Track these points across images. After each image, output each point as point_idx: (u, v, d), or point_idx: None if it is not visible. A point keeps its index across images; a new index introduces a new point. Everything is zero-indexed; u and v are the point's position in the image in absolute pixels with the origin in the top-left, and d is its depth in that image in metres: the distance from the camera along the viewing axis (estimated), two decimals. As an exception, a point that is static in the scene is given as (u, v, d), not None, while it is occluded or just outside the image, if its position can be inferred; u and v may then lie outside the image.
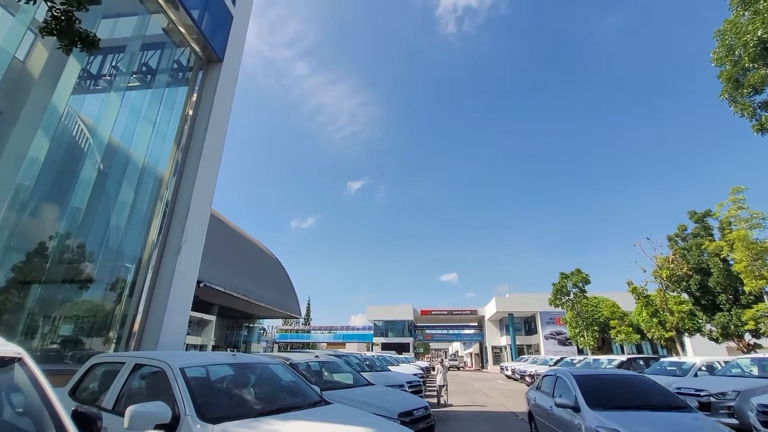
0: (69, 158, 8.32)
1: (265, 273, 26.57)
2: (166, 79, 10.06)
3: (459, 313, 60.16)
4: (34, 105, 7.54)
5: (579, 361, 21.11)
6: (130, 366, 3.96)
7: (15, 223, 7.38)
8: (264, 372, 4.71)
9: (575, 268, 34.16)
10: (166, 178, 9.48)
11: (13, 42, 6.84)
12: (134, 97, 9.56)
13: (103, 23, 8.72)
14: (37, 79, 7.85)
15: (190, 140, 9.92)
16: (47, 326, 8.31)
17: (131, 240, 9.11)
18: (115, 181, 9.02)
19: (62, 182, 8.21)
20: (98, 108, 8.99)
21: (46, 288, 8.04)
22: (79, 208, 8.39)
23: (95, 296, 8.95)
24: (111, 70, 9.36)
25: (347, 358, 11.53)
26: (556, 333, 46.44)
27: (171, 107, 10.02)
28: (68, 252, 8.54)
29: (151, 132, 9.48)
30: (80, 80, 8.50)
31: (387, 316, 59.91)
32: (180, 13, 9.12)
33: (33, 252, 8.10)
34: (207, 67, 10.72)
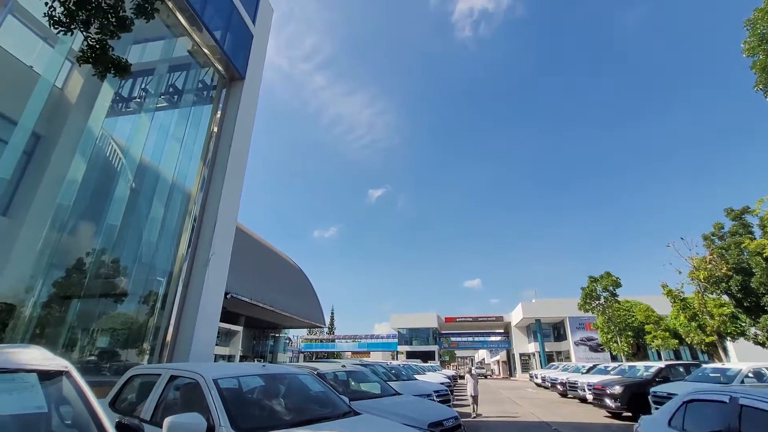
0: (104, 178, 8.74)
1: (289, 283, 26.93)
2: (191, 98, 10.46)
3: (484, 320, 59.01)
4: (72, 129, 7.99)
5: (613, 368, 20.26)
6: (165, 377, 4.08)
7: (56, 241, 7.79)
8: (293, 382, 4.76)
9: (605, 271, 32.96)
10: (194, 193, 9.81)
11: (52, 71, 7.30)
12: (162, 117, 9.99)
13: (133, 48, 9.19)
14: (74, 105, 8.33)
15: (216, 156, 10.25)
16: (86, 339, 8.68)
17: (162, 254, 9.44)
18: (146, 198, 9.40)
19: (98, 201, 8.62)
20: (130, 129, 9.44)
21: (84, 302, 8.42)
22: (113, 225, 8.78)
23: (130, 309, 9.30)
24: (141, 92, 9.83)
25: (373, 367, 11.49)
26: (586, 339, 44.82)
27: (197, 125, 10.40)
28: (104, 267, 8.93)
29: (178, 150, 9.86)
30: (113, 103, 8.96)
31: (411, 324, 59.43)
32: (204, 35, 9.50)
33: (72, 268, 8.51)
34: (230, 85, 11.09)
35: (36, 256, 7.46)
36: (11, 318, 7.05)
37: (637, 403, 12.64)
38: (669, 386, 12.11)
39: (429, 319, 58.75)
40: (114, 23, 5.51)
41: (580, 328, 45.53)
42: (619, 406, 13.28)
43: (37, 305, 7.58)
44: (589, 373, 21.49)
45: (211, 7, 9.50)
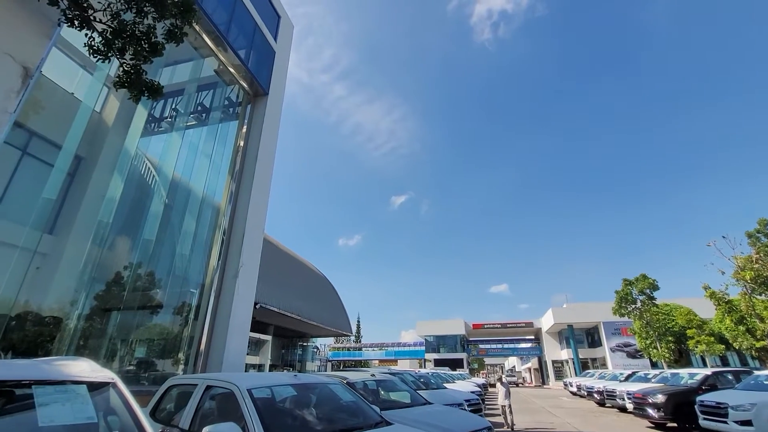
0: (140, 195, 9.17)
1: (316, 292, 27.22)
2: (219, 115, 10.87)
3: (513, 326, 57.52)
4: (110, 150, 8.45)
5: (654, 376, 19.25)
6: (202, 387, 4.20)
7: (97, 256, 8.22)
8: (324, 392, 4.79)
9: (640, 274, 31.51)
10: (223, 207, 10.13)
11: (92, 97, 7.76)
12: (192, 134, 10.42)
13: (164, 71, 9.66)
14: (111, 127, 8.81)
15: (242, 170, 10.57)
16: (125, 349, 9.06)
17: (195, 267, 9.77)
18: (179, 213, 9.78)
19: (135, 217, 9.05)
20: (162, 147, 9.89)
21: (123, 314, 8.80)
22: (149, 239, 9.18)
23: (165, 320, 9.65)
24: (172, 112, 10.30)
25: (402, 375, 11.39)
26: (623, 345, 42.87)
27: (224, 141, 10.78)
28: (141, 280, 9.33)
29: (208, 165, 10.23)
30: (147, 124, 9.43)
31: (438, 331, 58.67)
32: (229, 55, 9.88)
33: (112, 281, 8.94)
34: (254, 101, 11.45)
35: (79, 271, 7.89)
36: (58, 330, 7.45)
37: (682, 413, 11.95)
38: (717, 395, 11.37)
39: (456, 325, 57.83)
40: (147, 49, 5.83)
41: (615, 333, 43.63)
42: (663, 416, 12.57)
43: (81, 318, 7.99)
44: (628, 381, 20.49)
45: (236, 27, 9.88)
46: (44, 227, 7.41)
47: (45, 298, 7.44)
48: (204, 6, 8.43)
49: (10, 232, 6.93)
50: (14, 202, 7.18)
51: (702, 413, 10.93)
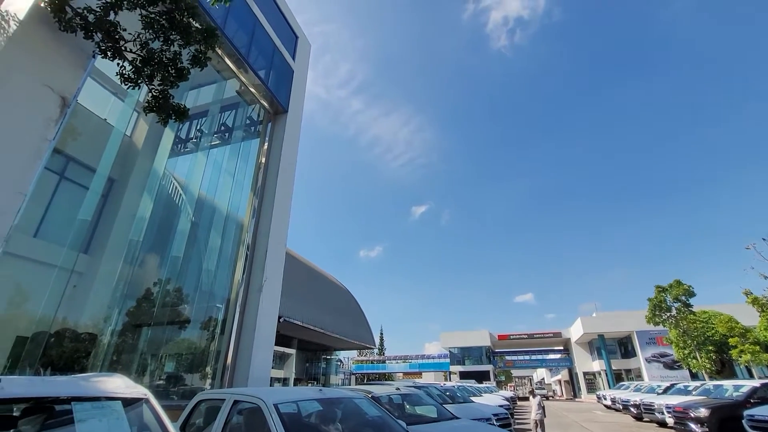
0: (168, 213, 9.51)
1: (338, 305, 27.29)
2: (241, 134, 11.22)
3: (541, 337, 55.76)
4: (140, 171, 8.83)
5: (695, 388, 18.18)
6: (230, 402, 4.25)
7: (129, 274, 8.53)
8: (349, 407, 4.76)
9: (674, 280, 30.09)
10: (246, 222, 10.37)
11: (123, 122, 8.18)
12: (216, 153, 10.78)
13: (189, 94, 10.09)
14: (141, 149, 9.23)
15: (264, 186, 10.82)
16: (155, 364, 9.30)
17: (220, 282, 9.99)
18: (204, 229, 10.07)
19: (163, 235, 9.37)
20: (188, 167, 10.27)
21: (153, 330, 9.07)
22: (177, 256, 9.47)
23: (193, 335, 9.86)
24: (197, 132, 10.70)
25: (427, 389, 11.19)
26: (659, 355, 40.79)
27: (246, 158, 11.10)
28: (169, 296, 9.61)
29: (231, 183, 10.54)
30: (174, 145, 9.83)
31: (462, 343, 57.52)
32: (250, 76, 10.23)
33: (142, 298, 9.25)
34: (274, 118, 11.78)
35: (112, 288, 8.20)
36: (93, 346, 7.74)
37: (728, 429, 11.23)
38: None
39: (481, 337, 56.57)
40: (174, 74, 6.12)
41: (650, 343, 41.63)
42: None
43: (114, 333, 8.28)
44: (667, 394, 19.42)
45: (256, 49, 10.25)
46: (80, 247, 7.78)
47: (81, 315, 7.76)
48: (226, 30, 8.80)
49: (50, 252, 7.31)
50: (53, 223, 7.58)
51: (752, 428, 10.23)
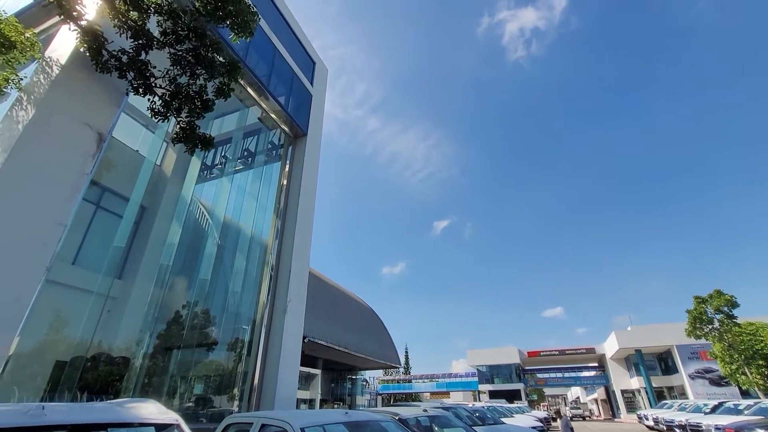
0: (195, 238, 9.84)
1: (362, 324, 27.15)
2: (263, 158, 11.60)
3: (573, 353, 53.39)
4: (169, 198, 9.22)
5: (747, 407, 16.88)
6: (257, 426, 4.27)
7: (159, 297, 8.82)
8: (376, 430, 4.69)
9: (714, 290, 28.45)
10: (270, 244, 10.59)
11: (154, 152, 8.62)
12: (240, 177, 11.16)
13: (214, 123, 10.56)
14: (170, 178, 9.65)
15: (287, 207, 11.07)
16: (184, 386, 9.46)
17: (246, 303, 10.17)
18: (230, 252, 10.34)
19: (191, 258, 9.68)
20: (214, 192, 10.66)
21: (183, 352, 9.27)
22: (204, 279, 9.74)
23: (220, 357, 10.01)
24: (221, 159, 11.13)
25: (456, 410, 10.87)
26: (704, 371, 38.24)
27: (269, 181, 11.42)
28: (198, 318, 9.84)
29: (255, 205, 10.84)
30: (200, 172, 10.25)
31: (490, 361, 55.75)
32: (270, 102, 10.64)
33: (172, 321, 9.51)
34: (294, 142, 12.13)
35: (144, 312, 8.49)
36: (126, 370, 7.97)
37: (788, 452, 10.33)
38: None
39: (509, 354, 54.72)
40: (200, 106, 6.45)
41: (693, 358, 39.17)
42: (763, 456, 10.92)
43: (145, 356, 8.51)
44: (715, 413, 18.11)
45: (275, 77, 10.68)
46: (115, 273, 8.12)
47: (115, 339, 8.04)
48: (247, 62, 9.24)
49: (87, 278, 7.66)
50: (90, 251, 7.98)
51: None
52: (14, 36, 5.49)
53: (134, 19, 5.87)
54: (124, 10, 5.77)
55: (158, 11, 5.90)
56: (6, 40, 5.39)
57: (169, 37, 6.01)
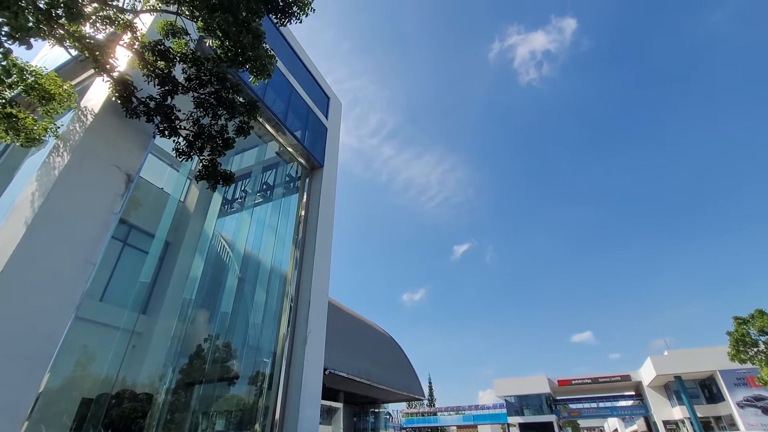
0: (217, 271, 10.02)
1: (383, 354, 26.56)
2: (281, 191, 11.92)
3: (607, 381, 50.42)
4: (192, 233, 9.50)
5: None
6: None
7: (182, 331, 8.92)
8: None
9: (755, 310, 26.79)
10: (289, 275, 10.68)
11: (178, 190, 8.99)
12: (259, 211, 11.44)
13: (234, 159, 10.98)
14: (192, 213, 9.98)
15: (305, 238, 11.23)
16: (206, 422, 9.36)
17: (266, 336, 10.17)
18: (251, 284, 10.47)
19: (213, 292, 9.83)
20: (234, 226, 10.93)
21: (205, 387, 9.24)
22: (225, 312, 9.83)
23: (242, 391, 9.92)
24: (241, 193, 11.48)
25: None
26: (754, 398, 35.38)
27: (287, 213, 11.67)
28: (219, 352, 9.86)
29: (274, 238, 11.04)
30: (221, 207, 10.57)
31: (518, 390, 53.16)
32: (287, 137, 11.05)
33: (194, 355, 9.55)
34: (311, 174, 12.46)
35: (167, 347, 8.58)
36: (150, 406, 7.98)
37: None
38: None
39: (538, 383, 52.12)
40: (221, 145, 6.76)
41: (740, 384, 36.41)
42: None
43: (168, 392, 8.52)
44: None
45: (292, 113, 11.15)
46: (140, 308, 8.31)
47: (139, 375, 8.10)
48: (265, 100, 9.70)
49: (114, 314, 7.86)
50: (117, 287, 8.22)
51: None
52: (53, 89, 5.96)
53: (161, 67, 6.30)
54: (153, 61, 6.22)
55: (183, 60, 6.33)
56: (46, 93, 5.86)
57: (193, 82, 6.41)
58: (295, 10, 6.00)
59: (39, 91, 5.77)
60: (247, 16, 5.61)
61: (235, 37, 5.58)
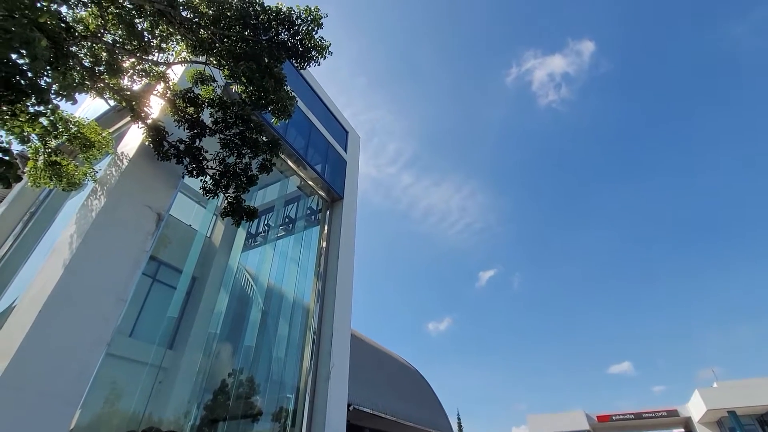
0: (241, 305, 10.16)
1: (409, 388, 25.69)
2: (303, 224, 12.16)
3: (651, 416, 46.58)
4: (218, 268, 9.75)
5: None
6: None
7: (207, 366, 8.96)
8: None
9: (812, 336, 24.61)
10: (312, 308, 10.69)
11: (205, 226, 9.33)
12: (282, 244, 11.66)
13: (257, 194, 11.37)
14: (218, 248, 10.28)
15: (326, 270, 11.31)
16: (230, 463, 9.17)
17: (290, 370, 10.07)
18: (274, 317, 10.52)
19: (237, 326, 9.91)
20: (258, 259, 11.15)
21: (228, 424, 9.13)
22: (249, 346, 9.85)
23: (265, 428, 9.74)
24: (264, 227, 11.78)
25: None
26: (823, 436, 31.87)
27: (309, 246, 11.85)
28: (243, 387, 9.79)
29: (296, 270, 11.17)
30: (245, 241, 10.86)
31: (555, 427, 49.80)
32: (308, 171, 11.40)
33: (218, 390, 9.51)
34: (332, 206, 12.71)
35: (192, 382, 8.61)
36: (174, 444, 7.93)
37: None
38: None
39: (576, 419, 48.75)
40: (245, 182, 7.06)
41: (804, 420, 32.97)
42: None
43: (193, 429, 8.46)
44: None
45: (312, 148, 11.57)
46: (167, 343, 8.45)
47: (165, 411, 8.12)
48: (287, 137, 10.13)
49: (142, 350, 8.01)
50: (145, 323, 8.42)
51: None
52: (94, 137, 6.44)
53: (191, 113, 6.75)
54: (183, 107, 6.67)
55: (211, 104, 6.77)
56: (87, 141, 6.34)
57: (220, 124, 6.81)
58: (314, 54, 6.36)
59: (81, 140, 6.26)
60: (269, 63, 6.00)
61: (259, 82, 5.94)
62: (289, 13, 5.90)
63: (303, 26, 6.05)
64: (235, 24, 5.69)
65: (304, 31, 6.08)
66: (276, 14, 5.85)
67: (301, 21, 6.02)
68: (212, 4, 5.46)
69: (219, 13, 5.54)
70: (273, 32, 5.97)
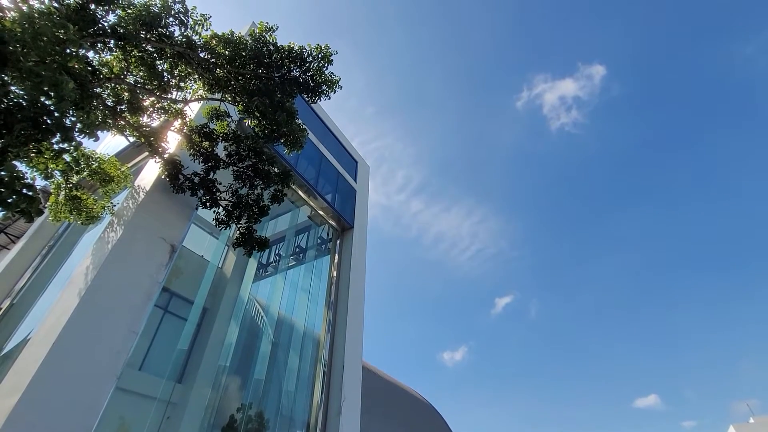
0: (251, 337, 10.03)
1: (421, 424, 24.63)
2: (313, 253, 12.18)
3: (684, 455, 43.55)
4: (228, 299, 9.72)
5: None
6: None
7: (215, 400, 8.76)
8: None
9: None
10: (322, 339, 10.51)
11: (217, 256, 9.41)
12: (292, 273, 11.64)
13: (269, 225, 11.49)
14: (229, 279, 10.30)
15: (337, 299, 11.19)
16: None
17: (300, 404, 9.78)
18: (284, 349, 10.34)
19: (247, 358, 9.75)
20: (269, 289, 11.11)
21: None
22: (259, 379, 9.64)
23: (274, 470, 9.35)
24: (275, 257, 11.82)
25: None
26: None
27: (319, 275, 11.80)
28: (252, 422, 9.48)
29: (307, 300, 11.08)
30: (256, 271, 10.87)
31: (580, 467, 46.75)
32: (318, 201, 11.54)
33: (226, 426, 9.24)
34: (342, 235, 12.75)
35: (201, 418, 8.39)
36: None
37: None
38: None
39: (602, 458, 45.76)
40: (257, 212, 7.17)
41: None
42: None
43: (200, 471, 8.16)
44: None
45: (322, 179, 11.77)
46: (176, 377, 8.33)
47: (172, 450, 7.88)
48: (297, 168, 10.35)
49: (151, 384, 7.90)
50: (156, 355, 8.35)
51: None
52: (113, 172, 6.68)
53: (206, 147, 6.98)
54: (199, 142, 6.91)
55: (225, 138, 7.00)
56: (107, 176, 6.57)
57: (233, 157, 7.01)
58: (324, 89, 6.61)
59: (101, 175, 6.49)
60: (281, 98, 6.24)
61: (271, 116, 6.17)
62: (300, 51, 6.19)
63: (314, 63, 6.32)
64: (250, 63, 5.98)
65: (315, 67, 6.35)
66: (288, 52, 6.14)
67: (312, 58, 6.30)
68: (229, 45, 5.76)
69: (235, 53, 5.84)
70: (285, 69, 6.24)
